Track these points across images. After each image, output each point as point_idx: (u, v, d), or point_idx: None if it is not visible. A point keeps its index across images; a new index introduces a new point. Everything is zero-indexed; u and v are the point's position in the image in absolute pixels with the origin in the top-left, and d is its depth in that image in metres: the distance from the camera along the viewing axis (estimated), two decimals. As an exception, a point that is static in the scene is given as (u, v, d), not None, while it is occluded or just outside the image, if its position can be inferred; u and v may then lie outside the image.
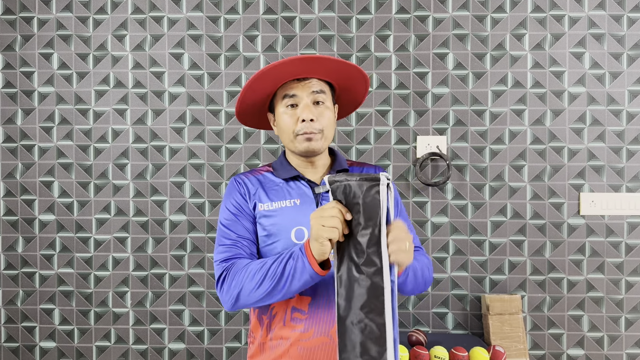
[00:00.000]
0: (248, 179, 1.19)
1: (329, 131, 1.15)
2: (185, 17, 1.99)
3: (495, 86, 1.96)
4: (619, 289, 1.95)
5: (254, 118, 1.28)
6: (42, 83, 1.99)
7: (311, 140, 1.11)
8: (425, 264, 1.15)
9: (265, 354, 1.11)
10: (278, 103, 1.16)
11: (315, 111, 1.12)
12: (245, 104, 1.20)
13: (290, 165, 1.19)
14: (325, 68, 1.12)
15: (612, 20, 1.95)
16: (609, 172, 1.95)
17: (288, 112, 1.13)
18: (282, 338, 1.08)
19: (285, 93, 1.13)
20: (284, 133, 1.15)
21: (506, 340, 1.82)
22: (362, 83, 1.22)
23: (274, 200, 1.13)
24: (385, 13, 1.97)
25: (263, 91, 1.16)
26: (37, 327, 2.01)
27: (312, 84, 1.13)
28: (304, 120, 1.10)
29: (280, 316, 1.09)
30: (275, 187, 1.16)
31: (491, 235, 1.96)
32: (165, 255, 1.99)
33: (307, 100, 1.12)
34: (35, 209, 2.00)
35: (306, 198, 1.13)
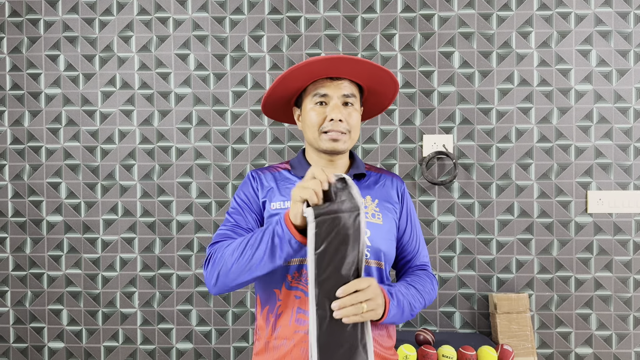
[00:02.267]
0: (264, 174, 1.19)
1: (355, 133, 1.15)
2: (191, 18, 1.99)
3: (502, 84, 1.96)
4: (627, 287, 1.94)
5: (278, 111, 1.28)
6: (49, 85, 2.00)
7: (337, 141, 1.11)
8: (415, 295, 1.11)
9: (269, 353, 1.10)
10: (307, 99, 1.16)
11: (345, 112, 1.12)
12: (273, 97, 1.20)
13: (308, 164, 1.19)
14: (358, 70, 1.12)
15: (618, 17, 1.94)
16: (617, 170, 1.94)
17: (316, 109, 1.13)
18: (287, 338, 1.07)
19: (317, 91, 1.14)
20: (309, 129, 1.15)
21: (514, 339, 1.81)
22: (392, 88, 1.22)
23: (286, 199, 1.13)
24: (391, 12, 1.97)
25: (293, 86, 1.17)
26: (45, 327, 2.02)
27: (343, 85, 1.14)
28: (332, 119, 1.11)
29: (286, 315, 1.08)
30: (290, 185, 1.16)
31: (498, 234, 1.96)
32: (173, 256, 1.99)
33: (337, 101, 1.13)
34: (43, 210, 2.01)
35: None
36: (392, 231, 1.16)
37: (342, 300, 0.89)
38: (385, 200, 1.17)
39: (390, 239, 1.14)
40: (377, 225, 1.12)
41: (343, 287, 0.90)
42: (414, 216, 1.25)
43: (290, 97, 1.22)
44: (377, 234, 1.11)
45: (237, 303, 1.99)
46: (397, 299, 1.04)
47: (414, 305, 1.09)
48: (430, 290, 1.17)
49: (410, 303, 1.08)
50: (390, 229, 1.15)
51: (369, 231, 1.10)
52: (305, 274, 1.05)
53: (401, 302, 1.05)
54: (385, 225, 1.13)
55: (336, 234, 0.89)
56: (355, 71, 1.13)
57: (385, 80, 1.18)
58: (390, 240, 1.14)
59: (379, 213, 1.14)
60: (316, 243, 0.89)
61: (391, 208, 1.17)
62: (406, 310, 1.07)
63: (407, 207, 1.23)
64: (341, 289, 0.90)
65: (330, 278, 0.90)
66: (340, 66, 1.11)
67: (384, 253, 1.12)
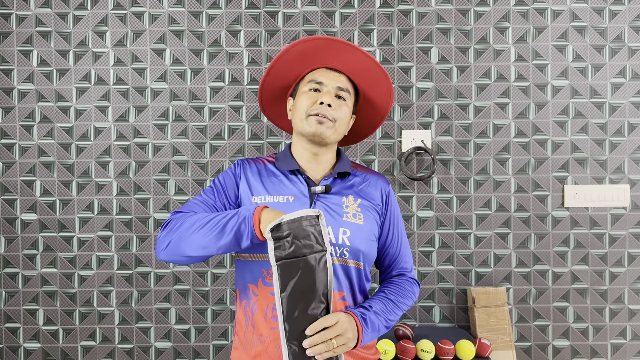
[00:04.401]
0: (250, 166, 1.19)
1: (340, 125, 1.15)
2: (167, 13, 1.96)
3: (479, 80, 1.96)
4: (603, 280, 1.97)
5: (273, 101, 1.28)
6: (22, 81, 1.96)
7: (322, 124, 1.11)
8: (392, 309, 1.13)
9: (247, 349, 1.09)
10: (302, 86, 1.17)
11: (336, 102, 1.13)
12: (271, 76, 1.20)
13: (292, 158, 1.18)
14: (356, 63, 1.14)
15: (594, 13, 1.95)
16: (592, 164, 1.96)
17: (309, 93, 1.14)
18: (262, 334, 1.07)
19: (313, 78, 1.15)
20: (298, 113, 1.14)
21: (492, 333, 1.83)
22: (386, 94, 1.22)
23: (268, 194, 1.12)
24: (369, 7, 1.97)
25: (292, 70, 1.18)
26: (20, 328, 1.98)
27: (340, 78, 1.16)
28: (322, 103, 1.11)
29: (262, 311, 1.07)
30: (273, 178, 1.16)
31: (476, 229, 1.97)
32: (150, 254, 1.97)
33: (331, 90, 1.14)
34: (16, 209, 1.97)
35: (300, 196, 1.12)
36: (373, 231, 1.15)
37: (312, 338, 0.91)
38: (367, 200, 1.17)
39: (371, 239, 1.14)
40: (357, 225, 1.11)
41: (311, 326, 0.91)
42: (398, 220, 1.25)
43: (287, 86, 1.24)
44: (356, 234, 1.10)
45: (216, 301, 1.97)
46: (371, 322, 1.05)
47: (390, 319, 1.11)
48: (410, 297, 1.18)
49: (386, 319, 1.10)
50: (371, 229, 1.14)
51: (349, 231, 1.09)
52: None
53: (375, 324, 1.06)
54: (366, 225, 1.13)
55: (300, 276, 0.90)
56: (354, 64, 1.14)
57: (381, 84, 1.19)
58: (370, 241, 1.14)
59: (361, 213, 1.14)
60: (281, 285, 0.91)
61: (373, 208, 1.17)
62: (382, 328, 1.09)
63: (391, 210, 1.22)
64: (310, 328, 0.91)
65: (299, 317, 0.91)
66: (339, 52, 1.12)
67: (363, 253, 1.11)
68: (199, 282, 1.97)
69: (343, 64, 1.16)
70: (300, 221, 0.90)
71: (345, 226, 1.09)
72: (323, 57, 1.15)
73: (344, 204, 1.13)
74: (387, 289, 1.17)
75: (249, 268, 1.10)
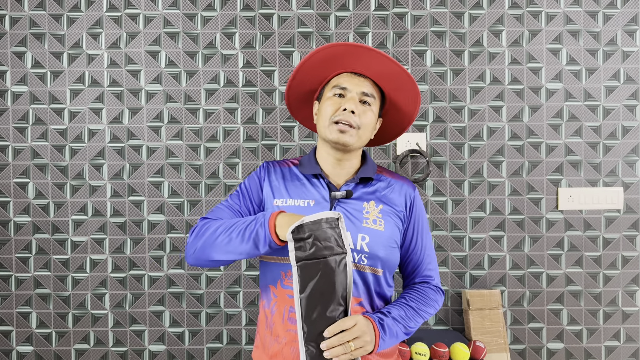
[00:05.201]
0: (274, 169, 1.21)
1: (365, 132, 1.14)
2: (162, 15, 1.96)
3: (474, 83, 1.97)
4: (597, 283, 1.97)
5: (300, 104, 1.29)
6: (15, 82, 1.95)
7: (344, 133, 1.11)
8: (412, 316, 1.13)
9: (264, 349, 1.12)
10: (327, 91, 1.18)
11: (360, 108, 1.13)
12: (296, 81, 1.21)
13: (316, 162, 1.19)
14: (380, 67, 1.13)
15: (587, 16, 1.96)
16: (586, 167, 1.97)
17: (333, 99, 1.14)
18: (279, 336, 1.08)
19: (337, 84, 1.15)
20: (322, 119, 1.15)
21: (487, 335, 1.83)
22: (412, 97, 1.20)
23: (290, 197, 1.13)
24: (364, 10, 1.97)
25: (315, 73, 1.18)
26: (13, 331, 1.97)
27: (365, 83, 1.15)
28: (345, 109, 1.11)
29: (280, 313, 1.09)
30: (296, 182, 1.17)
31: (471, 231, 1.97)
32: (144, 256, 1.96)
33: (355, 95, 1.13)
34: (10, 211, 1.96)
35: (321, 201, 1.12)
36: (394, 238, 1.14)
37: (330, 340, 0.92)
38: (390, 205, 1.16)
39: (391, 246, 1.13)
40: (377, 232, 1.11)
41: (329, 328, 0.92)
42: (423, 226, 1.23)
43: (313, 90, 1.24)
44: (376, 241, 1.10)
45: (210, 304, 1.97)
46: (389, 328, 1.05)
47: (410, 326, 1.11)
48: (432, 305, 1.18)
49: (405, 326, 1.10)
50: (392, 236, 1.13)
51: (368, 237, 1.09)
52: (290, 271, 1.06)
53: (393, 330, 1.06)
54: (387, 231, 1.12)
55: (320, 277, 0.91)
56: (379, 69, 1.14)
57: (406, 87, 1.17)
58: (390, 247, 1.13)
59: (382, 219, 1.13)
60: (300, 286, 0.92)
61: (396, 214, 1.16)
62: (400, 335, 1.09)
63: (415, 217, 1.21)
64: (327, 330, 0.92)
65: (317, 319, 0.92)
66: (365, 58, 1.12)
67: (382, 260, 1.11)
68: (193, 285, 1.97)
69: (367, 69, 1.15)
70: (320, 223, 0.91)
71: (364, 232, 1.09)
72: (347, 62, 1.15)
73: (365, 210, 1.13)
74: (408, 296, 1.17)
75: (270, 269, 1.13)
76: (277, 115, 1.96)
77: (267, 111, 1.97)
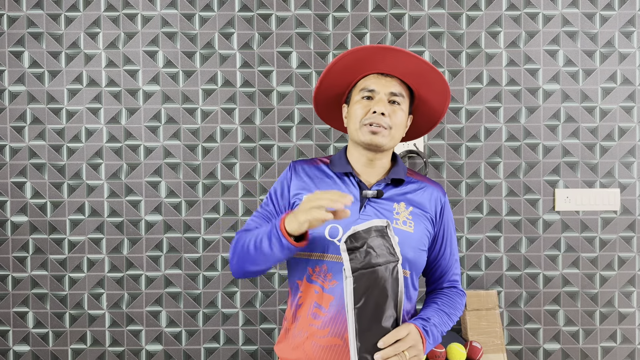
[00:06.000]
0: (302, 167, 1.21)
1: (396, 131, 1.14)
2: (160, 15, 1.96)
3: (471, 84, 1.97)
4: (594, 284, 1.98)
5: (329, 107, 1.30)
6: (13, 82, 1.95)
7: (376, 134, 1.11)
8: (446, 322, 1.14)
9: (288, 341, 1.13)
10: (355, 94, 1.18)
11: (389, 108, 1.13)
12: (323, 88, 1.22)
13: (347, 161, 1.19)
14: (406, 65, 1.13)
15: (585, 18, 1.97)
16: (583, 168, 1.98)
17: (362, 102, 1.14)
18: (302, 329, 1.09)
19: (364, 86, 1.15)
20: (352, 122, 1.15)
21: (483, 336, 1.83)
22: (442, 93, 1.20)
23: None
24: (362, 11, 1.97)
25: (341, 77, 1.18)
26: (10, 330, 1.97)
27: (392, 83, 1.15)
28: (375, 112, 1.11)
29: (305, 308, 1.10)
30: (326, 179, 1.17)
31: (468, 232, 1.98)
32: (141, 256, 1.96)
33: (384, 97, 1.13)
34: (7, 211, 1.96)
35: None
36: (423, 240, 1.14)
37: (385, 351, 0.92)
38: (420, 208, 1.16)
39: (420, 248, 1.13)
40: (407, 233, 1.11)
41: (384, 338, 0.92)
42: (452, 231, 1.24)
43: (340, 93, 1.24)
44: (405, 242, 1.10)
45: (207, 304, 1.97)
46: (432, 334, 1.07)
47: (444, 331, 1.13)
48: (459, 308, 1.20)
49: (441, 331, 1.12)
50: (421, 239, 1.13)
51: (397, 238, 1.09)
52: (325, 269, 1.07)
53: (435, 335, 1.08)
54: (416, 234, 1.12)
55: (374, 287, 0.91)
56: (404, 66, 1.13)
57: (434, 81, 1.17)
58: (419, 250, 1.13)
59: (411, 221, 1.13)
60: (355, 298, 0.91)
61: (426, 218, 1.16)
62: (438, 339, 1.11)
63: (445, 222, 1.21)
64: (382, 340, 0.92)
65: (371, 330, 0.92)
66: (391, 58, 1.12)
67: (410, 262, 1.11)
68: (190, 285, 1.96)
69: (393, 68, 1.15)
70: (371, 231, 0.91)
71: (394, 233, 1.09)
72: (373, 64, 1.15)
73: (395, 211, 1.13)
74: (439, 301, 1.18)
75: (297, 265, 1.14)
76: (274, 115, 1.96)
77: (265, 111, 1.97)
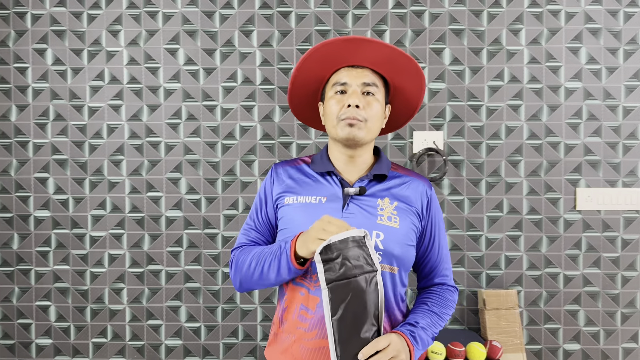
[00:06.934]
0: (284, 168, 1.20)
1: (373, 123, 1.12)
2: (180, 12, 1.97)
3: (492, 81, 1.96)
4: (615, 284, 1.96)
5: (304, 108, 1.28)
6: (36, 79, 1.98)
7: (353, 126, 1.09)
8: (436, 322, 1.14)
9: (276, 345, 1.12)
10: (328, 90, 1.16)
11: (363, 100, 1.10)
12: (296, 87, 1.20)
13: (328, 160, 1.17)
14: (375, 55, 1.11)
15: (608, 15, 1.94)
16: (605, 167, 1.95)
17: (336, 97, 1.12)
18: (290, 333, 1.08)
19: (336, 80, 1.13)
20: (329, 119, 1.13)
21: (502, 335, 1.82)
22: (416, 78, 1.17)
23: (301, 194, 1.13)
24: (382, 8, 1.96)
25: (313, 75, 1.17)
26: (33, 324, 2.00)
27: (364, 74, 1.12)
28: (350, 105, 1.09)
29: (291, 310, 1.09)
30: (307, 179, 1.16)
31: (487, 231, 1.96)
32: (162, 252, 1.98)
33: (357, 89, 1.11)
34: (30, 206, 1.99)
35: (334, 197, 1.11)
36: (410, 235, 1.12)
37: None
38: (406, 203, 1.13)
39: (407, 243, 1.11)
40: (392, 229, 1.08)
41: (363, 350, 0.91)
42: (440, 225, 1.21)
43: (315, 91, 1.23)
44: (391, 238, 1.08)
45: (226, 299, 1.98)
46: (421, 339, 1.06)
47: (435, 332, 1.12)
48: (451, 306, 1.19)
49: (432, 332, 1.11)
50: (408, 234, 1.11)
51: (382, 234, 1.07)
52: (310, 271, 1.06)
53: (425, 340, 1.07)
54: (402, 229, 1.10)
55: (352, 298, 0.90)
56: (373, 56, 1.11)
57: (406, 67, 1.14)
58: (406, 245, 1.11)
59: (396, 216, 1.10)
60: (332, 309, 0.90)
61: (412, 212, 1.13)
62: (429, 342, 1.10)
63: (433, 215, 1.18)
64: (362, 352, 0.91)
65: (350, 341, 0.91)
66: (358, 49, 1.10)
67: (397, 257, 1.09)
68: (210, 280, 1.98)
69: (363, 59, 1.12)
70: (347, 242, 0.90)
71: (379, 229, 1.07)
72: (342, 57, 1.13)
73: (379, 207, 1.10)
74: (429, 301, 1.16)
75: None
76: (294, 113, 1.97)
77: (284, 109, 1.97)
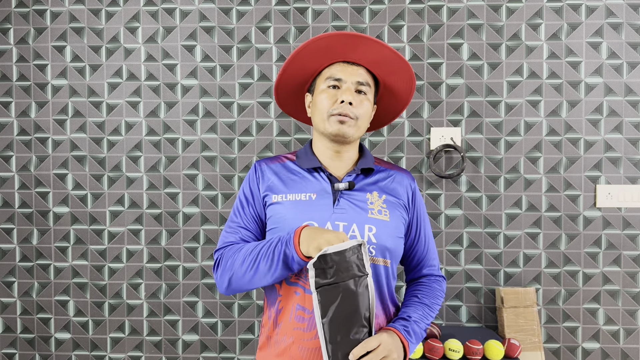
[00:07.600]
0: (268, 166, 1.17)
1: (363, 122, 1.11)
2: (198, 9, 1.98)
3: (511, 77, 1.94)
4: (636, 282, 1.93)
5: (289, 96, 1.25)
6: (56, 76, 2.00)
7: (344, 124, 1.08)
8: (428, 314, 1.14)
9: (271, 348, 1.09)
10: (320, 83, 1.13)
11: (356, 98, 1.10)
12: (287, 75, 1.17)
13: (313, 155, 1.15)
14: (374, 54, 1.10)
15: (630, 9, 1.91)
16: (626, 164, 1.92)
17: (328, 91, 1.11)
18: (286, 334, 1.06)
19: (331, 75, 1.11)
20: (318, 112, 1.11)
21: (521, 334, 1.81)
22: (408, 82, 1.17)
23: (289, 192, 1.11)
24: (399, 3, 1.95)
25: (308, 67, 1.15)
26: (52, 318, 2.02)
27: (359, 72, 1.12)
28: (343, 101, 1.08)
29: (287, 312, 1.06)
30: (294, 176, 1.14)
31: (506, 228, 1.95)
32: (179, 248, 1.99)
33: (351, 86, 1.10)
34: (49, 202, 2.01)
35: (323, 193, 1.10)
36: (399, 228, 1.13)
37: None
38: (393, 196, 1.14)
39: (397, 236, 1.12)
40: (383, 222, 1.09)
41: (354, 351, 0.91)
42: (425, 216, 1.22)
43: (304, 82, 1.20)
44: (383, 231, 1.08)
45: (243, 295, 1.99)
46: (414, 333, 1.06)
47: (427, 323, 1.12)
48: (440, 295, 1.19)
49: (425, 324, 1.11)
50: (398, 226, 1.12)
51: (375, 227, 1.07)
52: (305, 269, 1.03)
53: (418, 333, 1.07)
54: (393, 221, 1.11)
55: (341, 300, 0.90)
56: (372, 56, 1.11)
57: (401, 71, 1.14)
58: (397, 237, 1.11)
59: (386, 209, 1.11)
60: (322, 312, 0.91)
61: (400, 205, 1.14)
62: (423, 334, 1.10)
63: (417, 208, 1.19)
64: (352, 353, 0.91)
65: (341, 343, 0.91)
66: (357, 47, 1.08)
67: (390, 250, 1.09)
68: (226, 276, 1.99)
69: (361, 57, 1.11)
70: (344, 253, 0.90)
71: (370, 223, 1.07)
72: (340, 52, 1.11)
73: (369, 200, 1.10)
74: (419, 293, 1.17)
75: None
76: (310, 109, 1.97)
77: (301, 105, 1.97)
